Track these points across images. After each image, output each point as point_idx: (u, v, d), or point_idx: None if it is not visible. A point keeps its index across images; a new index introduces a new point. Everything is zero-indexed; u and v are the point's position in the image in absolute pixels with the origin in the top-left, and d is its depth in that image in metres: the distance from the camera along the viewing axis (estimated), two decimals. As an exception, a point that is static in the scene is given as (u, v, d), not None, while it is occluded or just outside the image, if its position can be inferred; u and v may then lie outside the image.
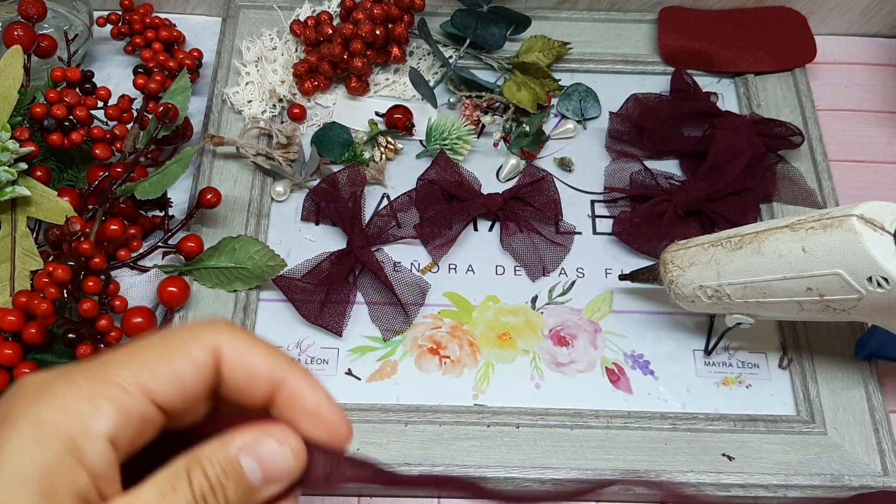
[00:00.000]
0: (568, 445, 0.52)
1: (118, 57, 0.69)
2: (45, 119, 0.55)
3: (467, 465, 0.51)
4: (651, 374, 0.56)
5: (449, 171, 0.61)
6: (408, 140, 0.65)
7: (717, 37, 0.69)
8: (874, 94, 0.71)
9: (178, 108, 0.57)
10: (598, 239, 0.61)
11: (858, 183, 0.66)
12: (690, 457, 0.52)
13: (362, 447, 0.52)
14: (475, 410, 0.53)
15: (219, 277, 0.56)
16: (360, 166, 0.62)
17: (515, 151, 0.64)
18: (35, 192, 0.54)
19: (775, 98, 0.67)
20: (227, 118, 0.64)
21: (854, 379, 0.55)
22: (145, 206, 0.59)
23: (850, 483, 0.51)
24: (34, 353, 0.51)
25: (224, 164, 0.62)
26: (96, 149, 0.57)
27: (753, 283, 0.47)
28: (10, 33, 0.56)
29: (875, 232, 0.41)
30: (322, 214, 0.61)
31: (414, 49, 0.69)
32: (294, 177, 0.62)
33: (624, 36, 0.71)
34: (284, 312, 0.57)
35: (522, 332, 0.57)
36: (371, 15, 0.64)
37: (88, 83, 0.61)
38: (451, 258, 0.60)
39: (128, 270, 0.57)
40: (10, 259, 0.53)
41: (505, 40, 0.68)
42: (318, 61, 0.65)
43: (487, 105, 0.66)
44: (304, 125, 0.65)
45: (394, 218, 0.60)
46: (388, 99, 0.67)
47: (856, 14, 0.72)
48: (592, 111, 0.67)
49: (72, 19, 0.65)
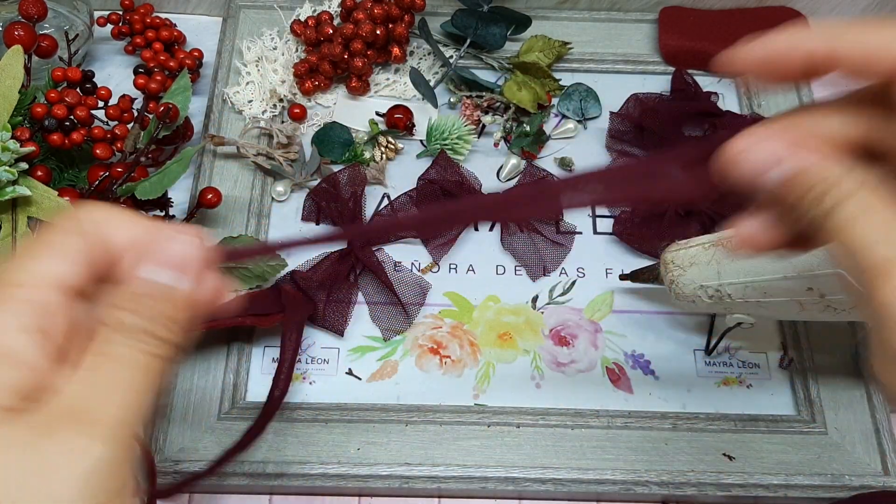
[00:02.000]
0: (568, 445, 0.52)
1: (119, 57, 0.69)
2: (46, 119, 0.55)
3: (467, 464, 0.51)
4: (651, 374, 0.56)
5: (449, 171, 0.61)
6: (408, 140, 0.65)
7: (718, 37, 0.69)
8: (875, 93, 0.71)
9: (178, 108, 0.57)
10: (599, 239, 0.61)
11: (859, 183, 0.66)
12: (691, 457, 0.52)
13: (363, 447, 0.52)
14: (475, 410, 0.54)
15: (219, 277, 0.56)
16: (360, 166, 0.62)
17: (516, 151, 0.64)
18: (36, 191, 0.54)
19: (776, 98, 0.67)
20: (227, 118, 0.64)
21: (854, 379, 0.55)
22: (146, 206, 0.59)
23: (850, 483, 0.51)
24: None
25: (224, 164, 0.62)
26: (97, 149, 0.57)
27: (754, 282, 0.47)
28: (10, 33, 0.56)
29: (876, 232, 0.41)
30: (322, 214, 0.61)
31: (414, 49, 0.69)
32: (294, 177, 0.62)
33: (624, 36, 0.71)
34: (285, 312, 0.57)
35: (523, 331, 0.57)
36: (371, 15, 0.64)
37: (89, 83, 0.61)
38: (451, 258, 0.60)
39: (128, 270, 0.57)
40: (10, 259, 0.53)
41: (505, 40, 0.68)
42: (319, 61, 0.65)
43: (488, 105, 0.66)
44: (305, 125, 0.65)
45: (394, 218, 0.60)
46: (388, 99, 0.67)
47: (856, 14, 0.72)
48: (593, 111, 0.67)
49: (72, 19, 0.65)
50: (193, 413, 0.53)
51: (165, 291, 0.25)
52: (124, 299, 0.25)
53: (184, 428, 0.52)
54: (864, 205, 0.25)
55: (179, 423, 0.52)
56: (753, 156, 0.27)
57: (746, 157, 0.27)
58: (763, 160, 0.26)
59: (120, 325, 0.24)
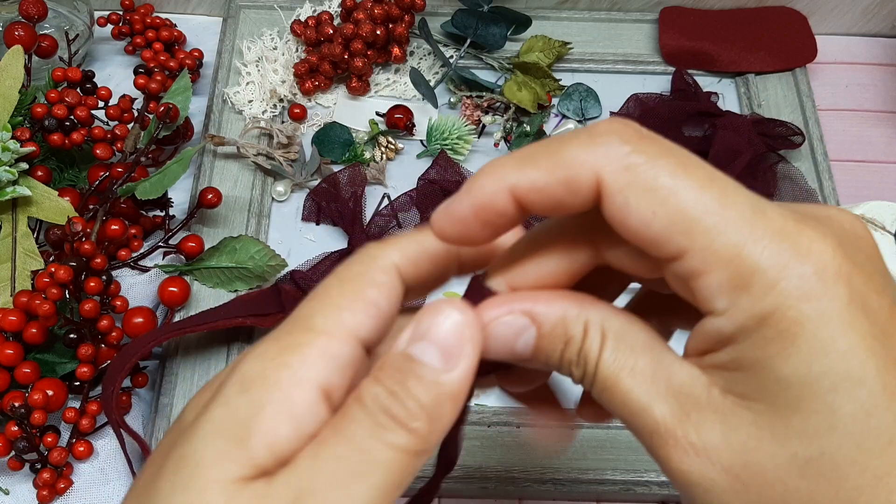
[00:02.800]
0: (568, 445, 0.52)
1: (119, 57, 0.69)
2: (46, 119, 0.55)
3: (468, 465, 0.51)
4: (651, 374, 0.56)
5: (450, 171, 0.61)
6: (408, 140, 0.65)
7: (718, 37, 0.69)
8: (875, 94, 0.71)
9: (178, 108, 0.57)
10: (599, 239, 0.61)
11: (859, 183, 0.66)
12: (691, 457, 0.52)
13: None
14: (475, 410, 0.54)
15: (219, 277, 0.57)
16: (360, 166, 0.62)
17: (516, 151, 0.64)
18: (36, 192, 0.54)
19: (776, 98, 0.67)
20: (227, 118, 0.64)
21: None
22: (146, 206, 0.59)
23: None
24: (35, 352, 0.51)
25: (225, 164, 0.62)
26: (97, 149, 0.57)
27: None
28: (10, 33, 0.56)
29: (876, 232, 0.41)
30: (323, 214, 0.61)
31: (414, 49, 0.69)
32: (295, 177, 0.62)
33: (625, 36, 0.71)
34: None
35: (523, 332, 0.57)
36: (372, 15, 0.64)
37: (89, 83, 0.61)
38: (451, 258, 0.60)
39: (128, 270, 0.57)
40: (10, 259, 0.53)
41: (505, 40, 0.68)
42: (319, 61, 0.65)
43: (488, 105, 0.66)
44: (305, 125, 0.65)
45: (395, 218, 0.60)
46: (388, 99, 0.67)
47: (856, 14, 0.72)
48: (593, 111, 0.67)
49: (72, 19, 0.65)
50: (193, 413, 0.53)
51: (429, 373, 0.21)
52: (386, 373, 0.21)
53: (184, 428, 0.52)
54: (617, 361, 0.22)
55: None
56: (500, 329, 0.23)
57: (494, 332, 0.23)
58: (510, 330, 0.22)
59: (373, 401, 0.21)
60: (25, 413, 0.46)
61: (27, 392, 0.48)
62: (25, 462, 0.49)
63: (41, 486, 0.48)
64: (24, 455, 0.48)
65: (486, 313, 0.23)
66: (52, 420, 0.50)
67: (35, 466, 0.49)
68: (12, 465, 0.49)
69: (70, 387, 0.50)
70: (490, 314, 0.23)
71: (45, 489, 0.48)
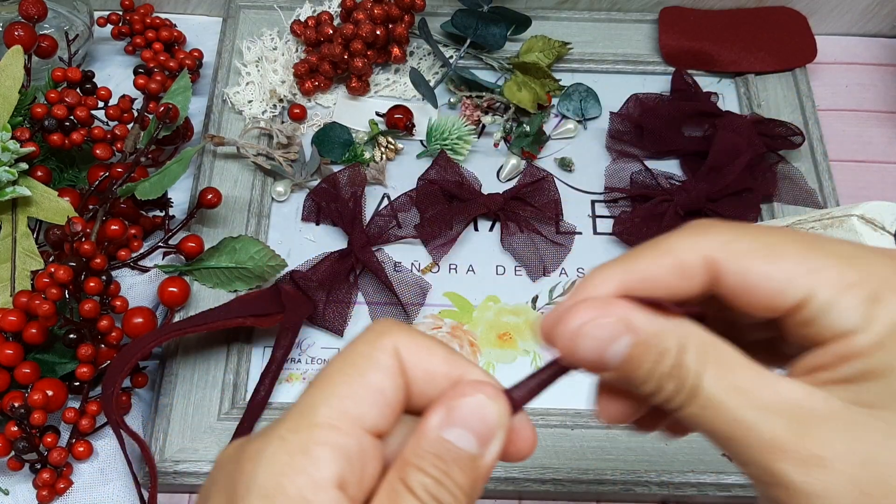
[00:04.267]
0: (568, 445, 0.52)
1: (119, 57, 0.69)
2: (46, 119, 0.55)
3: (468, 465, 0.51)
4: (651, 374, 0.56)
5: (449, 171, 0.61)
6: (408, 140, 0.65)
7: (718, 37, 0.69)
8: (874, 94, 0.71)
9: (178, 109, 0.57)
10: (599, 239, 0.61)
11: (859, 183, 0.66)
12: (691, 457, 0.52)
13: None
14: (476, 410, 0.53)
15: (219, 277, 0.57)
16: (360, 166, 0.62)
17: (516, 151, 0.64)
18: (36, 192, 0.54)
19: (776, 98, 0.67)
20: (227, 118, 0.64)
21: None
22: (146, 207, 0.59)
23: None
24: (35, 353, 0.51)
25: (224, 164, 0.62)
26: (97, 149, 0.57)
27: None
28: (10, 33, 0.56)
29: (875, 232, 0.41)
30: (322, 214, 0.61)
31: (414, 49, 0.69)
32: (294, 177, 0.62)
33: (624, 36, 0.71)
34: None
35: (523, 332, 0.57)
36: (371, 15, 0.64)
37: (89, 83, 0.61)
38: (451, 258, 0.60)
39: (128, 270, 0.57)
40: (10, 259, 0.53)
41: (505, 40, 0.68)
42: (319, 61, 0.65)
43: (488, 105, 0.66)
44: (305, 125, 0.65)
45: (394, 218, 0.60)
46: (388, 99, 0.67)
47: (856, 14, 0.72)
48: (593, 111, 0.67)
49: (72, 19, 0.65)
50: (193, 413, 0.53)
51: (466, 459, 0.22)
52: (426, 452, 0.22)
53: (184, 428, 0.52)
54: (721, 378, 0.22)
55: (179, 423, 0.52)
56: (595, 331, 0.23)
57: (587, 332, 0.23)
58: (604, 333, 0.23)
59: (423, 491, 0.21)
60: (25, 413, 0.46)
61: (27, 392, 0.48)
62: (25, 462, 0.49)
63: (41, 487, 0.48)
64: (23, 455, 0.48)
65: (581, 315, 0.23)
66: (52, 420, 0.50)
67: (35, 466, 0.49)
68: (12, 466, 0.49)
69: (70, 387, 0.50)
70: (585, 316, 0.23)
71: (45, 489, 0.48)
